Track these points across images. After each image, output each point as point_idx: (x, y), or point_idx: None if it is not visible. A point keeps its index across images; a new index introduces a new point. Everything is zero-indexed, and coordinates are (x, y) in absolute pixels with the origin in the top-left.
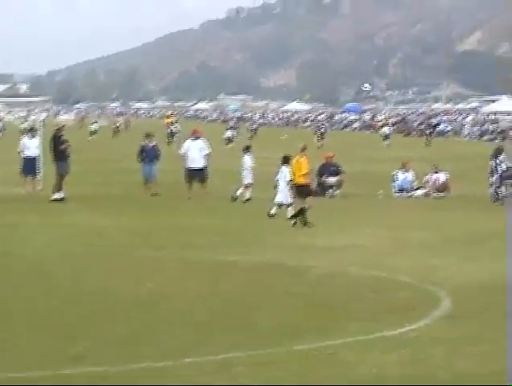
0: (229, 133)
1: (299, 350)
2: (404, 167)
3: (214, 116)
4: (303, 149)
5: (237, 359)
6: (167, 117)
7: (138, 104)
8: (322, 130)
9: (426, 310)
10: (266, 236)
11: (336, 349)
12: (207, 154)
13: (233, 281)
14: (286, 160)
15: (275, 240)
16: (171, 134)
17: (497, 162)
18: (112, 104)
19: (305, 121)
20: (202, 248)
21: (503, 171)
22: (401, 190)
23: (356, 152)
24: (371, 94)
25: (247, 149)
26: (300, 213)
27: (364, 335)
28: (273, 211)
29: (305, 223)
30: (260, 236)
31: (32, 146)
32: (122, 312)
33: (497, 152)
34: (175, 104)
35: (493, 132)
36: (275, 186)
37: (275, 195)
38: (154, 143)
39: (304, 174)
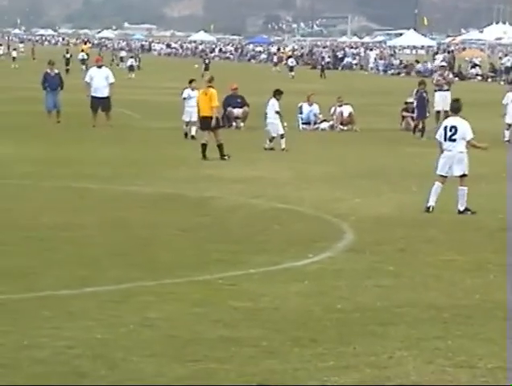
0: (131, 62)
1: (201, 280)
2: (309, 100)
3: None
4: (210, 81)
5: (139, 289)
6: (85, 43)
7: (41, 31)
8: (206, 61)
9: (329, 242)
10: (172, 167)
11: (238, 280)
12: (111, 83)
13: (133, 213)
14: (276, 93)
15: (180, 172)
16: (82, 61)
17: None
18: (15, 31)
19: (212, 51)
20: (104, 179)
21: None
22: (306, 122)
23: (260, 84)
24: (278, 26)
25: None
26: (220, 149)
27: (267, 267)
28: (267, 145)
29: (222, 156)
30: (165, 167)
31: None
32: (21, 243)
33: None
34: (80, 31)
35: (397, 66)
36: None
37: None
38: (56, 71)
39: (213, 107)
